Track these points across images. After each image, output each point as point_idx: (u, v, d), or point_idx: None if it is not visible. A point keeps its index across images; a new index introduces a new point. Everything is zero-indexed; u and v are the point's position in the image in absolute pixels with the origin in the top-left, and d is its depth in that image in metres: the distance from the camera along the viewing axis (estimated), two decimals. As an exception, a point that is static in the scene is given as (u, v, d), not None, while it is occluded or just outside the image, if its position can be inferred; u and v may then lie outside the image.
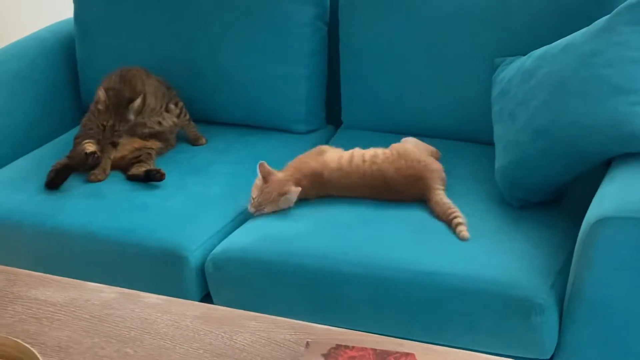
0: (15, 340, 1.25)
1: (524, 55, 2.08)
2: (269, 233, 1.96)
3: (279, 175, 2.02)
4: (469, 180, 2.10)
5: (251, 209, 2.01)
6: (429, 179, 1.99)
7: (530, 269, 1.77)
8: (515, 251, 1.83)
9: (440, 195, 1.97)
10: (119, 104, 2.21)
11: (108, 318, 1.39)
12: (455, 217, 1.90)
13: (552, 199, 1.99)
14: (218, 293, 1.96)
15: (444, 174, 2.04)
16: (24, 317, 1.40)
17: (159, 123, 2.34)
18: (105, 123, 2.20)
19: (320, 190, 2.03)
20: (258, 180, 2.01)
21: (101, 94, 2.20)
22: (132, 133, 2.28)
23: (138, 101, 2.22)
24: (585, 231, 1.65)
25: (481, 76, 2.22)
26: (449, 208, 1.93)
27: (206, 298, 2.00)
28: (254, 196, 2.00)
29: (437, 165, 2.04)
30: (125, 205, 2.09)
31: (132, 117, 2.22)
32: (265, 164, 2.03)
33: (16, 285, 1.50)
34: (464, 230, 1.87)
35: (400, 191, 2.00)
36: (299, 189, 1.98)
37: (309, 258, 1.87)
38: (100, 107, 2.21)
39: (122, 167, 2.25)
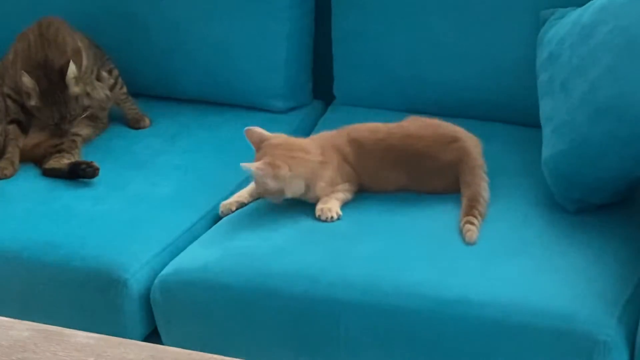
0: None
1: (580, 6, 2.09)
2: (238, 247, 1.96)
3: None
4: (506, 175, 2.11)
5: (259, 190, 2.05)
6: (469, 145, 2.05)
7: (590, 296, 1.78)
8: (569, 271, 1.84)
9: (480, 175, 2.01)
10: (55, 83, 2.20)
11: (21, 364, 1.39)
12: (472, 210, 1.94)
13: (618, 200, 1.99)
14: (168, 329, 1.96)
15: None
16: None
17: (87, 95, 2.32)
18: (51, 121, 2.21)
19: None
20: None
21: (27, 80, 2.19)
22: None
23: (72, 67, 2.21)
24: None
25: (522, 35, 2.24)
26: (479, 195, 1.96)
27: (153, 336, 1.99)
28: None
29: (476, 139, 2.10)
30: (42, 210, 2.08)
31: (76, 89, 2.22)
32: (256, 129, 2.05)
33: None
34: (471, 230, 1.90)
35: (434, 158, 2.03)
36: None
37: (292, 281, 1.87)
38: (33, 102, 2.21)
39: (36, 158, 2.25)
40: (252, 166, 1.98)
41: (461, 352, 1.79)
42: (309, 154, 2.04)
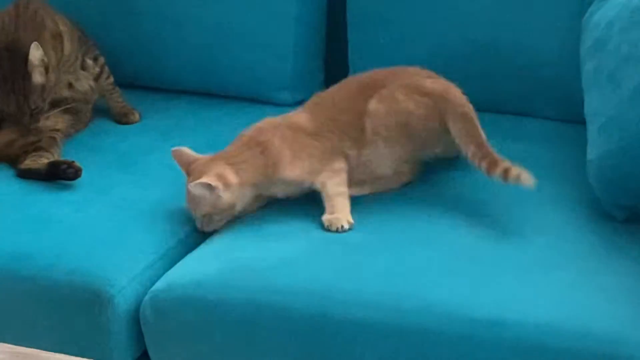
0: None
1: (631, -15, 2.09)
2: (239, 260, 1.95)
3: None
4: (544, 177, 2.08)
5: (203, 228, 2.05)
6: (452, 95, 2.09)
7: (641, 317, 1.78)
8: (616, 288, 1.83)
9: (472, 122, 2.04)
10: (18, 69, 2.19)
11: (-7, 392, 1.39)
12: (493, 154, 1.97)
13: (674, 208, 1.99)
14: (160, 352, 1.96)
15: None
16: None
17: (70, 85, 2.33)
18: (7, 110, 2.20)
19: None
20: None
21: None
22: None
23: (37, 52, 2.19)
24: None
25: (563, 18, 2.24)
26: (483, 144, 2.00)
27: (142, 359, 1.99)
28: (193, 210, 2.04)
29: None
30: (16, 217, 2.09)
31: (40, 79, 2.21)
32: (184, 150, 2.06)
33: None
34: (521, 172, 1.92)
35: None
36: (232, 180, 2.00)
37: (301, 299, 1.86)
38: None
39: (10, 157, 2.25)
40: (203, 181, 1.96)
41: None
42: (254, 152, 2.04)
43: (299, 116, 2.11)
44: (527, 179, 1.93)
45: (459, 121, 2.06)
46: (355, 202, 2.06)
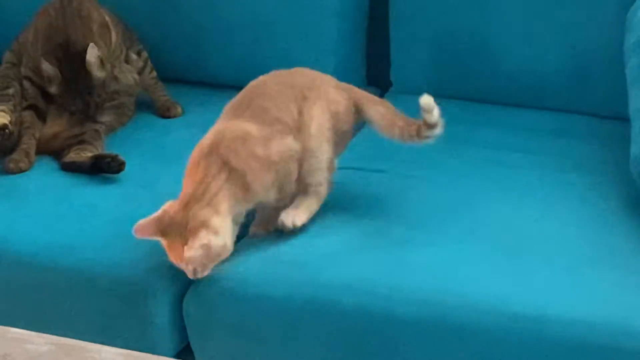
0: None
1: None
2: (282, 254, 1.95)
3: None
4: (587, 173, 2.11)
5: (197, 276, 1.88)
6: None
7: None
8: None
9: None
10: (77, 68, 2.20)
11: (40, 383, 1.39)
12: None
13: None
14: (203, 345, 1.96)
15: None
16: None
17: (114, 79, 2.34)
18: (74, 108, 2.22)
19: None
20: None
21: (47, 67, 2.20)
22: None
23: (92, 51, 2.21)
24: None
25: (607, 14, 2.24)
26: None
27: (185, 352, 2.00)
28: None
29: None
30: (60, 209, 2.09)
31: (99, 74, 2.23)
32: (142, 223, 1.85)
33: None
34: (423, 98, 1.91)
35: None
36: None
37: (343, 294, 1.86)
38: (53, 90, 2.22)
39: (55, 150, 2.26)
40: (196, 246, 1.80)
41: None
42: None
43: (238, 124, 1.95)
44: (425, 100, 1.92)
45: (380, 105, 2.03)
46: (397, 197, 2.07)
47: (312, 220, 2.01)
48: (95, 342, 1.49)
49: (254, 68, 2.46)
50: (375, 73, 2.52)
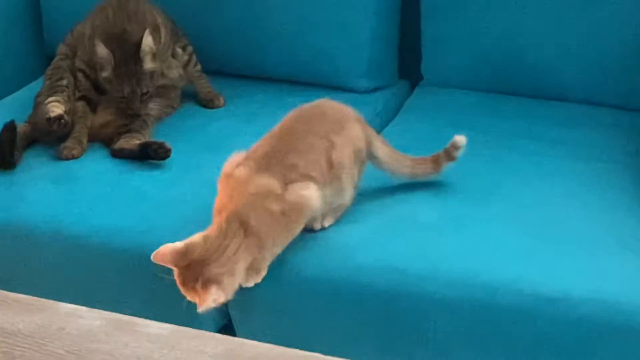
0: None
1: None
2: (319, 238, 1.94)
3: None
4: (609, 163, 2.10)
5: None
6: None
7: None
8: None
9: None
10: (130, 56, 2.21)
11: (91, 355, 1.37)
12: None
13: None
14: (243, 321, 1.96)
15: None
16: (-30, 351, 1.41)
17: (162, 73, 2.34)
18: (121, 94, 2.23)
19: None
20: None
21: (101, 50, 2.21)
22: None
23: (148, 39, 2.21)
24: None
25: (630, 10, 2.22)
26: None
27: (226, 329, 2.00)
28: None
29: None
30: (112, 193, 2.10)
31: (150, 65, 2.24)
32: (167, 249, 1.78)
33: (-40, 305, 1.50)
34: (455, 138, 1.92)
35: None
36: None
37: (378, 275, 1.85)
38: (105, 73, 2.23)
39: (104, 137, 2.27)
40: (211, 299, 1.75)
41: (561, 354, 1.77)
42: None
43: (264, 180, 1.86)
44: (460, 139, 1.93)
45: (385, 144, 2.01)
46: (427, 184, 2.05)
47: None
48: (142, 317, 1.49)
49: (292, 62, 2.48)
50: (407, 67, 2.51)
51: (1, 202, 2.09)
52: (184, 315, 1.93)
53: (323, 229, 1.95)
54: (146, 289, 1.98)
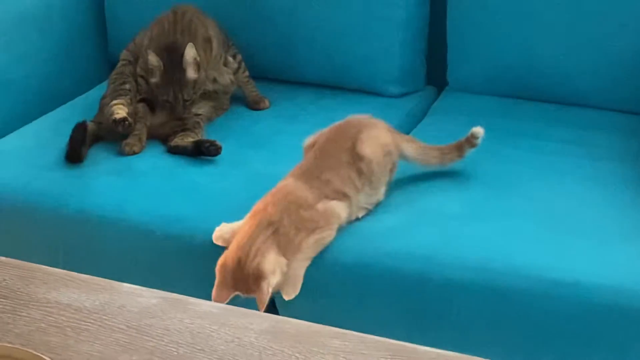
0: (35, 354, 1.25)
1: None
2: (353, 227, 1.95)
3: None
4: (620, 163, 2.08)
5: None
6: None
7: None
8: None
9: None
10: (176, 65, 2.23)
11: (149, 330, 1.38)
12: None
13: None
14: (285, 302, 1.95)
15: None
16: (42, 325, 1.41)
17: (214, 80, 2.36)
18: (165, 97, 2.24)
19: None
20: None
21: (152, 58, 2.23)
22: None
23: (191, 51, 2.23)
24: None
25: (636, 23, 2.20)
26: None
27: (269, 309, 1.97)
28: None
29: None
30: (169, 186, 2.11)
31: (192, 75, 2.24)
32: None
33: (32, 284, 1.50)
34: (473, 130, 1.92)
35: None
36: None
37: (406, 261, 1.85)
38: (154, 79, 2.24)
39: (162, 135, 2.28)
40: (267, 298, 1.79)
41: (572, 335, 1.76)
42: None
43: (301, 191, 1.91)
44: (477, 130, 1.95)
45: (413, 141, 2.03)
46: (453, 178, 2.05)
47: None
48: (195, 297, 1.50)
49: (331, 68, 2.48)
50: (434, 74, 2.50)
51: (72, 192, 2.10)
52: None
53: (357, 219, 1.96)
54: (199, 271, 1.98)
